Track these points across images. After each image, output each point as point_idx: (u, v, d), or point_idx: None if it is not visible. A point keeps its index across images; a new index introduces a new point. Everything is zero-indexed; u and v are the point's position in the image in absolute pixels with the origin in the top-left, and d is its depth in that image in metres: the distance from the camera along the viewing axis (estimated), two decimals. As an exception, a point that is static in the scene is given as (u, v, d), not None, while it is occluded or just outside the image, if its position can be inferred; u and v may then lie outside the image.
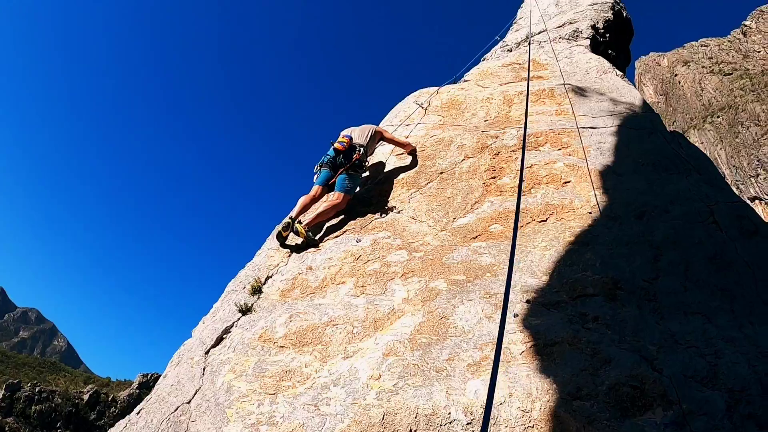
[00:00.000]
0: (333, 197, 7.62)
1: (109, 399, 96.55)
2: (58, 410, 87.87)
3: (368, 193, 8.14)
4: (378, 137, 8.81)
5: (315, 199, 7.87)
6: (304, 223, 7.17)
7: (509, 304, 5.14)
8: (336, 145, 8.15)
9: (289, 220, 7.27)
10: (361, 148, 8.17)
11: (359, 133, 8.54)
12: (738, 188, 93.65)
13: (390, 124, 10.27)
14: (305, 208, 7.75)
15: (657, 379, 4.05)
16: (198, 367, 5.44)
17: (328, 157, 8.18)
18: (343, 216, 7.66)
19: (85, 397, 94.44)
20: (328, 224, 7.54)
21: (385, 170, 8.68)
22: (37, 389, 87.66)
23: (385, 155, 9.03)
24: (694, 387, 3.97)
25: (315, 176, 8.22)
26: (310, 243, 7.13)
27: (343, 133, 8.55)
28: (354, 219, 7.43)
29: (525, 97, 9.58)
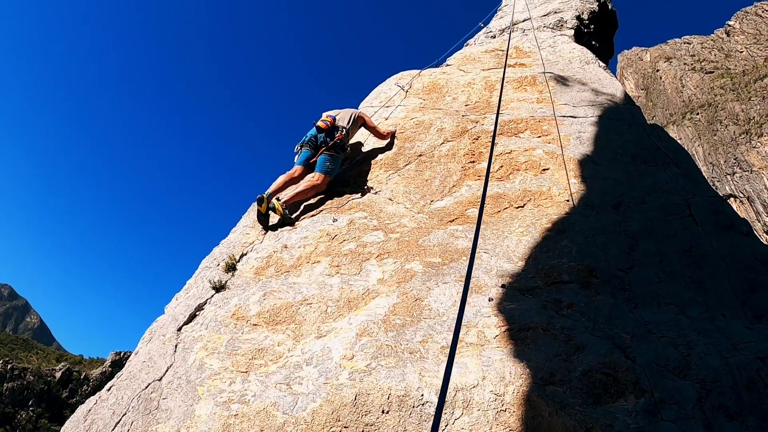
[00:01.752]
0: (313, 178, 7.56)
1: (82, 377, 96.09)
2: (30, 388, 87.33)
3: (346, 173, 8.09)
4: (360, 122, 8.69)
5: (294, 179, 7.81)
6: (281, 201, 7.17)
7: (484, 288, 5.15)
8: (319, 123, 8.08)
9: (263, 196, 7.19)
10: (344, 130, 8.10)
11: (342, 116, 8.46)
12: (714, 185, 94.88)
13: (370, 105, 10.18)
14: (283, 187, 7.70)
15: (630, 367, 4.07)
16: (170, 344, 5.37)
17: (309, 136, 8.14)
18: (321, 195, 7.61)
19: (58, 374, 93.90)
20: (305, 203, 7.49)
21: (364, 150, 8.65)
22: (8, 366, 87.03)
23: (364, 135, 8.95)
24: (666, 376, 4.00)
25: (296, 156, 8.19)
26: (286, 221, 7.10)
27: (325, 113, 8.41)
28: (331, 198, 7.39)
29: (506, 84, 9.56)
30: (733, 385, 3.85)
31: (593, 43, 14.31)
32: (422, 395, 3.96)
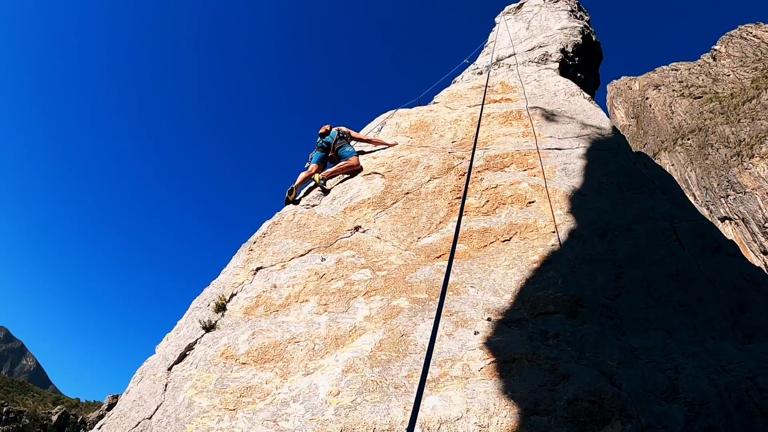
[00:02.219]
0: (351, 160, 9.50)
1: (78, 420, 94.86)
2: (26, 431, 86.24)
3: (333, 212, 8.14)
4: (347, 137, 10.35)
5: (311, 175, 9.65)
6: (322, 175, 9.35)
7: (470, 322, 5.20)
8: (321, 130, 10.54)
9: (292, 187, 9.26)
10: (343, 133, 10.27)
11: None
12: (708, 209, 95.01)
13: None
14: (303, 182, 9.67)
15: (615, 393, 4.07)
16: (160, 383, 5.42)
17: (319, 143, 10.39)
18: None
19: (54, 418, 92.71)
20: (293, 248, 7.53)
21: (352, 190, 8.73)
22: (4, 409, 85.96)
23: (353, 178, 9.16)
24: (653, 401, 3.99)
25: (308, 161, 10.35)
26: (322, 187, 9.13)
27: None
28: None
29: (492, 119, 9.69)
30: (722, 406, 3.83)
31: (578, 75, 14.51)
32: (406, 429, 3.99)
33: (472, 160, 5.78)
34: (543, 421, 3.97)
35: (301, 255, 7.14)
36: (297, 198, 9.28)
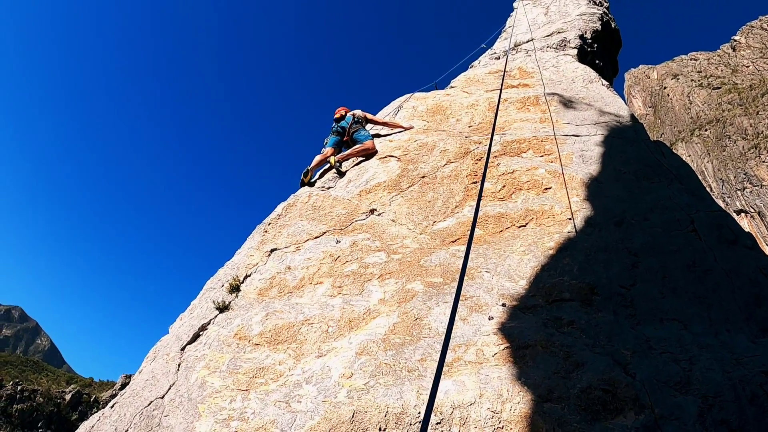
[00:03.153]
0: (366, 143, 9.56)
1: (92, 399, 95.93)
2: (40, 410, 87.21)
3: (349, 194, 8.13)
4: (362, 121, 10.50)
5: (326, 158, 9.79)
6: (337, 158, 9.38)
7: (485, 307, 5.17)
8: (336, 115, 10.78)
9: (308, 169, 9.33)
10: (357, 117, 10.44)
11: (357, 111, 10.75)
12: (724, 201, 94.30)
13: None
14: (318, 165, 9.80)
15: (629, 383, 4.05)
16: (173, 362, 5.45)
17: (334, 127, 10.56)
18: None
19: (67, 397, 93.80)
20: (308, 230, 7.52)
21: (367, 173, 8.71)
22: (18, 388, 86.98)
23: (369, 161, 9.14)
24: (666, 392, 3.97)
25: (323, 146, 10.58)
26: (337, 169, 9.20)
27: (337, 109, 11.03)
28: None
29: (509, 104, 9.62)
30: (736, 400, 3.81)
31: (597, 62, 14.37)
32: (419, 413, 3.98)
33: (490, 145, 5.74)
34: (556, 408, 3.95)
35: (316, 237, 7.14)
36: (312, 180, 9.36)
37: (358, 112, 10.69)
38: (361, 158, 9.48)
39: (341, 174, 9.14)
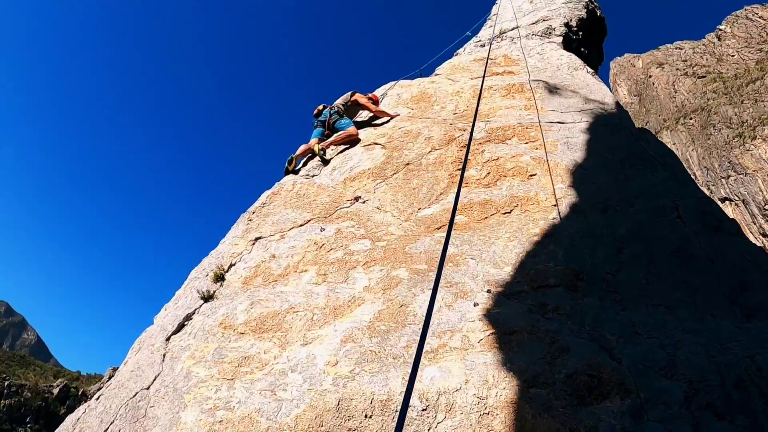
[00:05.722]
0: (349, 129, 9.70)
1: (80, 393, 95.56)
2: (28, 405, 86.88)
3: (333, 182, 8.10)
4: (356, 101, 10.65)
5: (311, 148, 9.71)
6: (321, 146, 9.44)
7: (470, 294, 5.17)
8: (315, 111, 10.77)
9: (292, 157, 9.36)
10: (334, 105, 10.58)
11: (341, 99, 10.81)
12: (709, 189, 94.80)
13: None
14: (303, 154, 9.73)
15: (615, 368, 4.06)
16: (158, 353, 5.42)
17: (314, 123, 10.63)
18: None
19: (55, 391, 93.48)
20: (292, 218, 7.50)
21: (352, 160, 8.69)
22: (6, 383, 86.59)
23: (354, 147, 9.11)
24: (652, 377, 3.98)
25: (312, 134, 10.55)
26: (322, 158, 9.18)
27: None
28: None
29: (494, 91, 9.61)
30: (722, 384, 3.82)
31: (582, 50, 14.40)
32: (403, 399, 3.97)
33: (472, 131, 5.72)
34: (542, 393, 3.96)
35: (301, 225, 7.10)
36: (297, 168, 9.37)
37: (350, 94, 10.83)
38: (345, 146, 9.49)
39: (325, 162, 9.15)
